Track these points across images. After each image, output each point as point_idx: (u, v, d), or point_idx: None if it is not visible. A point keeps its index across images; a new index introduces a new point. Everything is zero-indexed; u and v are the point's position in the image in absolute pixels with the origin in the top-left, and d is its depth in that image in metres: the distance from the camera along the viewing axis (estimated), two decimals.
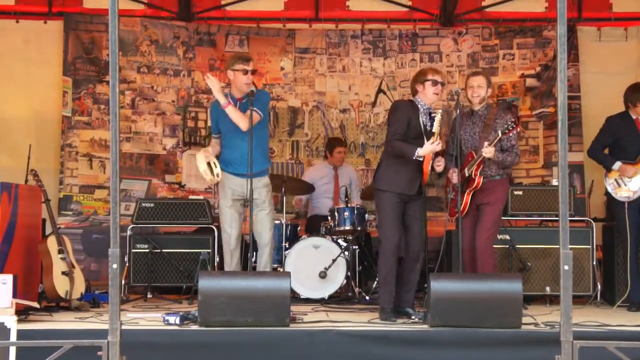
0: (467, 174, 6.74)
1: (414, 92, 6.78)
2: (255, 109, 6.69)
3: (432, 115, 6.62)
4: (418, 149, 6.45)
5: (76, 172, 9.45)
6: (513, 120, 6.68)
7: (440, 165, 6.63)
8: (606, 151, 7.80)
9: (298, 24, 9.81)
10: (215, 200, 7.32)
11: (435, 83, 6.67)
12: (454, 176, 6.75)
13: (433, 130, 6.49)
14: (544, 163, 9.58)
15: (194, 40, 9.71)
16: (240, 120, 6.74)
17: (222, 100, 6.75)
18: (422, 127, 6.61)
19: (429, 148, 6.44)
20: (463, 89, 7.08)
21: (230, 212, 6.94)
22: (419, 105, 6.70)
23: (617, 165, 7.58)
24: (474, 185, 6.71)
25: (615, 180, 7.60)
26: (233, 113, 6.76)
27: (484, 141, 6.65)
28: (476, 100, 6.86)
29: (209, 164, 6.77)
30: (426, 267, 7.85)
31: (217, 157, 6.98)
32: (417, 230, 6.76)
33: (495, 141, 6.59)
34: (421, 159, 6.48)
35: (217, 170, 6.80)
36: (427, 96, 6.68)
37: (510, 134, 6.68)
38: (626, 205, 7.51)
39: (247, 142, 6.62)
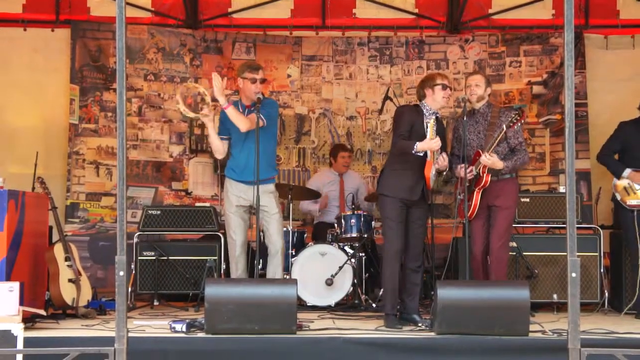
0: (474, 173, 6.74)
1: (421, 97, 6.81)
2: (259, 114, 6.68)
3: (426, 122, 6.65)
4: (417, 143, 6.49)
5: (83, 179, 9.45)
6: (516, 113, 6.68)
7: (444, 161, 6.63)
8: (616, 157, 7.77)
9: (305, 31, 9.80)
10: (222, 207, 7.30)
11: (444, 87, 6.75)
12: (462, 172, 6.74)
13: (428, 136, 6.54)
14: (551, 170, 9.55)
15: (200, 47, 9.72)
16: (240, 121, 6.72)
17: (222, 101, 6.68)
18: (425, 131, 6.63)
19: (426, 143, 6.50)
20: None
21: (234, 218, 6.93)
22: (425, 110, 6.74)
23: (627, 172, 7.55)
24: (482, 184, 6.70)
25: (624, 187, 7.56)
26: (232, 113, 6.72)
27: (490, 139, 6.66)
28: (474, 98, 6.88)
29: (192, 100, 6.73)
30: (433, 274, 7.84)
31: (224, 162, 6.99)
32: (419, 236, 6.79)
33: (495, 143, 6.59)
34: (420, 154, 6.51)
35: (208, 99, 6.71)
36: (436, 100, 6.75)
37: (516, 127, 6.67)
38: (635, 212, 7.48)
39: (252, 152, 6.63)
